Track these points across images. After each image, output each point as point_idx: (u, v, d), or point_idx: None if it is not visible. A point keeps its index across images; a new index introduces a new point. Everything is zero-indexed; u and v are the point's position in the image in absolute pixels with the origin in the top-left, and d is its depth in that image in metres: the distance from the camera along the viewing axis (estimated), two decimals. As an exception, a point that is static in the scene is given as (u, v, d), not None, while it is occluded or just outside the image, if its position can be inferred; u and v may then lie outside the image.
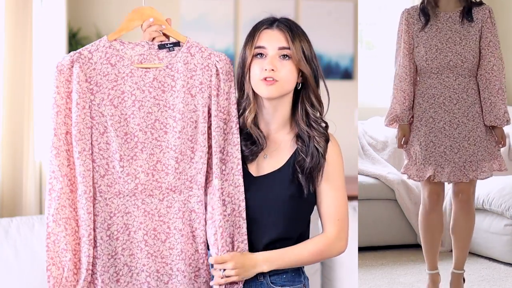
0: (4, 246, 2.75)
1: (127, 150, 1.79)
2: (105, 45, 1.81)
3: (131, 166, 1.79)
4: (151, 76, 1.81)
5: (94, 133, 1.78)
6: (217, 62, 1.83)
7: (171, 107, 1.81)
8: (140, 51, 1.83)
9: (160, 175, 1.81)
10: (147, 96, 1.80)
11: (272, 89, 1.87)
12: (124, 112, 1.79)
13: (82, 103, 1.77)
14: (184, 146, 1.81)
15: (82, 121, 1.76)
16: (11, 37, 3.43)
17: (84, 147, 1.76)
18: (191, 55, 1.83)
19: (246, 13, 5.02)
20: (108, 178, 1.79)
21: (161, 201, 1.81)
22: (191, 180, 1.82)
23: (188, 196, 1.82)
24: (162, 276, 1.81)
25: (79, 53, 1.79)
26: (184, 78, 1.82)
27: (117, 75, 1.80)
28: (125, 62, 1.80)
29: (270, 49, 1.88)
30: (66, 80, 1.77)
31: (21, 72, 3.52)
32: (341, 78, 5.13)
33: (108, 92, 1.79)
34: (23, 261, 2.73)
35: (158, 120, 1.81)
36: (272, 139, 1.94)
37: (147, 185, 1.80)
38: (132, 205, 1.80)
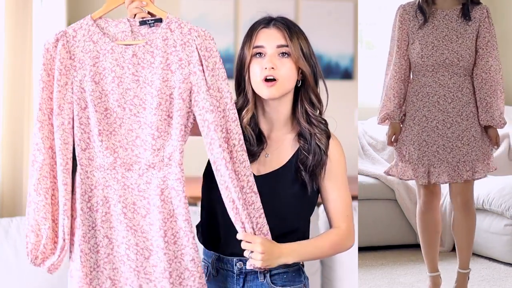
0: (4, 246, 2.76)
1: (106, 125, 1.82)
2: (89, 23, 1.86)
3: (110, 141, 1.82)
4: (131, 53, 1.83)
5: (76, 108, 1.82)
6: (196, 37, 1.82)
7: (149, 84, 1.82)
8: (122, 28, 1.86)
9: (139, 150, 1.82)
10: (126, 73, 1.82)
11: (273, 90, 1.87)
12: (105, 88, 1.83)
13: (64, 79, 1.82)
14: (161, 122, 1.81)
15: (63, 97, 1.82)
16: (11, 37, 3.43)
17: (62, 121, 1.82)
18: (171, 31, 1.83)
19: (246, 13, 5.02)
20: (89, 151, 1.83)
21: (140, 176, 1.82)
22: (169, 157, 1.82)
23: (167, 173, 1.82)
24: (142, 251, 1.81)
25: (64, 32, 1.85)
26: (163, 54, 1.82)
27: (99, 52, 1.83)
28: (107, 39, 1.84)
29: (269, 48, 1.88)
30: (52, 58, 1.83)
31: (21, 72, 3.52)
32: (341, 78, 5.13)
33: (89, 69, 1.83)
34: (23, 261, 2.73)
35: (137, 96, 1.82)
36: (273, 138, 1.95)
37: (126, 160, 1.82)
38: (112, 178, 1.82)
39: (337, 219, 1.96)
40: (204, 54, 1.81)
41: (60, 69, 1.82)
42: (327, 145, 1.92)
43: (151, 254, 1.82)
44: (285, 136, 1.95)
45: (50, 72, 1.83)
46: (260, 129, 1.94)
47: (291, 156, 1.93)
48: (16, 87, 3.49)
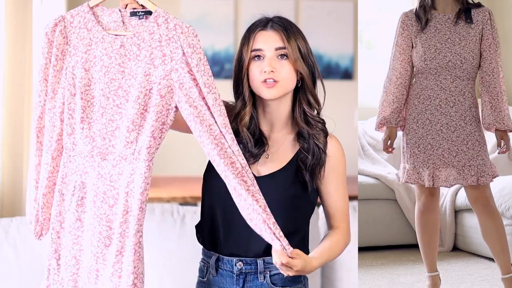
0: (4, 246, 2.75)
1: (90, 113, 1.85)
2: (85, 10, 1.87)
3: (91, 129, 1.84)
4: (119, 43, 1.84)
5: (66, 94, 1.85)
6: (180, 34, 1.81)
7: (134, 76, 1.83)
8: (114, 17, 1.87)
9: (116, 141, 1.84)
10: (113, 63, 1.83)
11: (273, 91, 1.88)
12: (94, 76, 1.84)
13: (60, 63, 1.86)
14: (136, 116, 1.81)
15: (58, 81, 1.86)
16: (11, 37, 3.43)
17: (54, 105, 1.86)
18: (158, 25, 1.83)
19: (246, 13, 5.02)
20: (74, 137, 1.86)
21: (114, 166, 1.84)
22: (139, 152, 1.82)
23: (135, 167, 1.82)
24: (104, 239, 1.84)
25: (62, 17, 1.87)
26: (148, 48, 1.82)
27: (91, 40, 1.85)
28: (100, 27, 1.85)
29: (267, 51, 1.88)
30: (50, 41, 1.86)
31: (21, 72, 3.52)
32: (341, 78, 5.13)
33: (81, 56, 1.85)
34: (23, 261, 2.74)
35: (121, 87, 1.83)
36: (273, 139, 1.95)
37: (102, 149, 1.84)
38: (90, 165, 1.85)
39: (338, 219, 1.97)
40: (187, 51, 1.80)
41: (57, 54, 1.85)
42: (326, 144, 1.92)
43: (111, 243, 1.85)
44: (286, 137, 1.95)
45: (47, 55, 1.86)
46: (261, 130, 1.94)
47: (292, 157, 1.93)
48: (16, 87, 3.49)
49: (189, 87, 1.80)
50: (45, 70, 1.87)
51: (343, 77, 5.13)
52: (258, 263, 1.91)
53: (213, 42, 5.01)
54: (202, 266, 2.00)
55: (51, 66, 1.86)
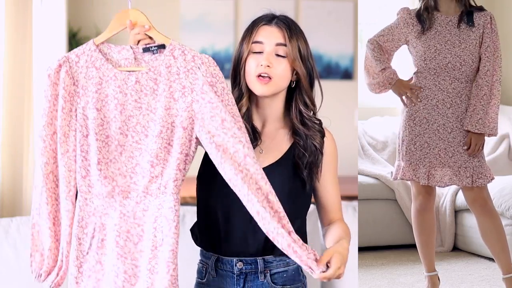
0: (4, 246, 2.75)
1: (107, 153, 1.80)
2: (91, 48, 1.83)
3: (109, 169, 1.80)
4: (134, 79, 1.80)
5: (78, 136, 1.80)
6: (200, 65, 1.79)
7: (152, 111, 1.80)
8: (125, 55, 1.83)
9: (138, 178, 1.80)
10: (129, 99, 1.80)
11: (266, 88, 1.89)
12: (107, 115, 1.80)
13: (69, 106, 1.80)
14: (160, 150, 1.79)
15: (68, 123, 1.80)
16: (11, 37, 3.43)
17: (67, 149, 1.80)
18: (174, 58, 1.81)
19: (246, 13, 5.02)
20: (89, 179, 1.81)
21: (137, 203, 1.81)
22: (165, 186, 1.80)
23: (162, 201, 1.80)
24: (129, 278, 1.81)
25: (67, 57, 1.82)
26: (166, 81, 1.80)
27: (102, 78, 1.81)
28: (110, 65, 1.81)
29: (267, 45, 1.89)
30: (54, 84, 1.80)
31: (21, 72, 3.52)
32: (341, 78, 5.13)
33: (92, 95, 1.80)
34: (23, 261, 2.73)
35: (140, 123, 1.80)
36: (266, 133, 1.95)
37: (124, 187, 1.81)
38: (110, 206, 1.81)
39: (335, 212, 1.97)
40: (211, 81, 1.78)
41: (65, 96, 1.79)
42: (322, 144, 1.93)
43: (137, 281, 1.81)
44: (278, 130, 1.96)
45: (50, 98, 1.80)
46: (253, 125, 1.94)
47: (286, 150, 1.93)
48: (16, 87, 3.49)
49: (211, 117, 1.77)
50: (49, 114, 1.81)
51: (343, 77, 5.13)
52: (258, 262, 1.91)
53: (213, 42, 5.01)
54: (201, 267, 2.00)
55: (59, 109, 1.80)
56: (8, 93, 3.44)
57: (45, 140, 1.81)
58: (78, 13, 4.77)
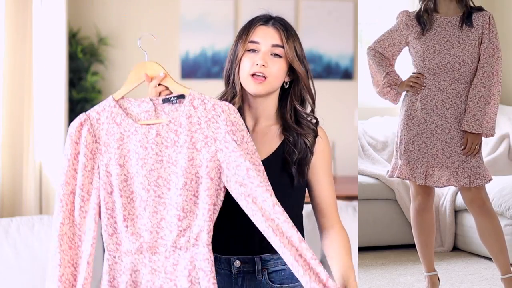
0: (4, 246, 2.76)
1: (132, 209, 1.78)
2: (111, 104, 1.81)
3: (135, 226, 1.78)
4: (154, 132, 1.79)
5: (102, 193, 1.78)
6: (220, 113, 1.78)
7: (174, 163, 1.78)
8: (145, 107, 1.82)
9: (165, 232, 1.78)
10: (150, 153, 1.78)
11: (260, 86, 1.89)
12: (130, 171, 1.79)
13: (91, 164, 1.78)
14: (186, 203, 1.77)
15: (90, 182, 1.78)
16: (11, 37, 3.43)
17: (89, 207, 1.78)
18: (194, 108, 1.80)
19: (246, 13, 5.01)
20: (117, 236, 1.79)
21: (167, 258, 1.79)
22: (196, 238, 1.78)
23: (194, 254, 1.78)
24: None
25: (87, 115, 1.80)
26: (187, 132, 1.78)
27: (123, 134, 1.79)
28: (130, 120, 1.80)
29: (263, 45, 1.90)
30: (74, 142, 1.79)
31: (21, 72, 3.52)
32: (341, 78, 5.13)
33: (114, 152, 1.79)
34: (23, 261, 2.74)
35: (161, 176, 1.78)
36: (258, 131, 1.96)
37: (151, 243, 1.78)
38: (140, 263, 1.79)
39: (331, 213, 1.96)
40: (231, 129, 1.77)
41: (87, 154, 1.78)
42: (313, 143, 1.93)
43: None
44: (270, 128, 1.96)
45: (70, 157, 1.78)
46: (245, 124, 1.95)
47: (277, 147, 1.94)
48: (16, 87, 3.49)
49: (236, 166, 1.76)
50: (67, 173, 1.78)
51: (343, 77, 5.13)
52: (256, 261, 1.92)
53: (213, 42, 5.01)
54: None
55: (81, 168, 1.77)
56: (8, 93, 3.44)
57: (62, 200, 1.78)
58: (78, 13, 4.77)
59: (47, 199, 3.81)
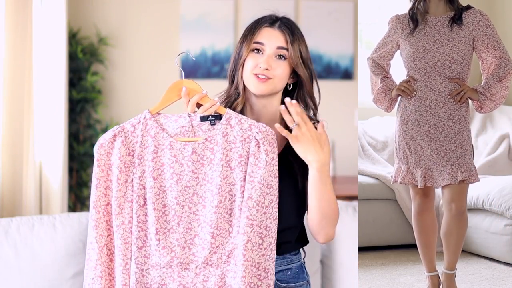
0: (4, 246, 2.75)
1: (164, 223, 1.79)
2: (146, 117, 1.83)
3: (167, 240, 1.78)
4: (190, 149, 1.80)
5: (134, 206, 1.78)
6: (257, 133, 1.79)
7: (209, 181, 1.79)
8: (182, 123, 1.83)
9: (197, 249, 1.79)
10: (186, 170, 1.79)
11: (263, 86, 1.89)
12: (163, 184, 1.79)
13: (124, 176, 1.79)
14: (220, 220, 1.77)
15: (123, 195, 1.79)
16: (11, 37, 3.43)
17: (123, 221, 1.79)
18: (231, 126, 1.81)
19: (246, 13, 5.02)
20: (146, 249, 1.79)
21: (197, 275, 1.79)
22: (228, 255, 1.79)
23: (225, 271, 1.78)
24: None
25: (122, 128, 1.82)
26: (223, 151, 1.79)
27: (157, 147, 1.80)
28: (165, 134, 1.80)
29: (268, 47, 1.90)
30: (107, 153, 1.79)
31: (21, 72, 3.52)
32: (341, 78, 5.13)
33: (148, 164, 1.79)
34: (23, 261, 2.74)
35: (197, 194, 1.79)
36: None
37: (182, 259, 1.79)
38: (168, 277, 1.79)
39: None
40: (267, 149, 1.78)
41: (120, 167, 1.79)
42: None
43: None
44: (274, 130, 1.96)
45: (103, 168, 1.79)
46: None
47: (281, 150, 1.94)
48: (16, 87, 3.49)
49: (257, 184, 1.78)
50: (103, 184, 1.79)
51: (343, 77, 5.13)
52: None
53: (213, 42, 5.01)
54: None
55: (114, 180, 1.78)
56: (8, 93, 3.44)
57: (99, 211, 1.79)
58: (78, 13, 4.77)
59: (47, 199, 3.81)
